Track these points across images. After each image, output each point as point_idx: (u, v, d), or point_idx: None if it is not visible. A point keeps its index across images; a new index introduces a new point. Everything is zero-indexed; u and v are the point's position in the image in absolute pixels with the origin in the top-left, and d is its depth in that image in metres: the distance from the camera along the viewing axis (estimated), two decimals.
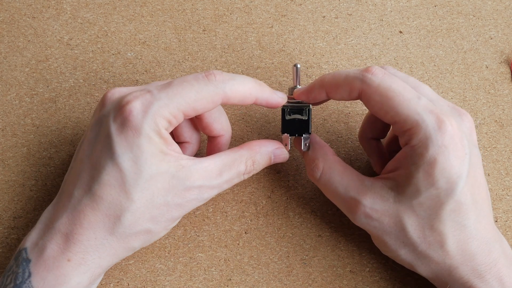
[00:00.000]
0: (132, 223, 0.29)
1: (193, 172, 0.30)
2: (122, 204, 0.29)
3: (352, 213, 0.31)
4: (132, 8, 0.43)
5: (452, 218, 0.29)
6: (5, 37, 0.42)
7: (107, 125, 0.30)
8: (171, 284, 0.35)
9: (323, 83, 0.33)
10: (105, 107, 0.31)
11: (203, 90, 0.30)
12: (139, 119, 0.29)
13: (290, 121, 0.34)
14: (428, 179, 0.28)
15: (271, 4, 0.44)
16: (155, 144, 0.29)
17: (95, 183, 0.29)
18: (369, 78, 0.30)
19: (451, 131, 0.28)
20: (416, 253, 0.30)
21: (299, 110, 0.34)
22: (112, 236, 0.29)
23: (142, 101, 0.29)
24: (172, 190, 0.30)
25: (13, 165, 0.38)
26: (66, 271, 0.29)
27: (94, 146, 0.30)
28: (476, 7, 0.44)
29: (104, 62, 0.41)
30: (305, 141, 0.34)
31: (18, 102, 0.40)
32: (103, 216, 0.29)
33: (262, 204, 0.38)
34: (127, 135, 0.29)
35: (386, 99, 0.30)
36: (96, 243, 0.29)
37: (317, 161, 0.33)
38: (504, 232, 0.37)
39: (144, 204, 0.29)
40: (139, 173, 0.29)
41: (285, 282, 0.36)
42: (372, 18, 0.43)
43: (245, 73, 0.41)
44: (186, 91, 0.30)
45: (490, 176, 0.39)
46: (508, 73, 0.42)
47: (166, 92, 0.29)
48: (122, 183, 0.29)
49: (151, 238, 0.31)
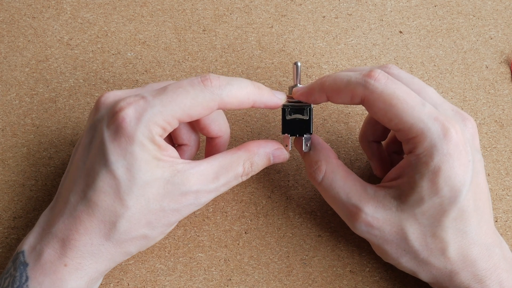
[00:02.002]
0: (128, 229, 0.29)
1: (189, 176, 0.30)
2: (117, 211, 0.29)
3: (353, 220, 0.31)
4: (132, 8, 0.43)
5: (454, 225, 0.29)
6: (5, 37, 0.42)
7: (101, 131, 0.29)
8: (171, 284, 0.35)
9: (323, 87, 0.31)
10: (99, 112, 0.31)
11: (198, 96, 0.29)
12: (132, 127, 0.28)
13: (291, 121, 0.33)
14: (432, 188, 0.28)
15: (271, 4, 0.44)
16: (149, 151, 0.29)
17: (90, 189, 0.29)
18: (372, 84, 0.29)
19: (456, 139, 0.28)
20: (418, 261, 0.30)
21: (300, 110, 0.33)
22: (108, 241, 0.29)
23: (136, 108, 0.29)
24: (167, 196, 0.29)
25: (13, 165, 0.38)
26: (62, 276, 0.29)
27: (89, 151, 0.30)
28: (476, 7, 0.44)
29: (104, 62, 0.41)
30: (306, 142, 0.33)
31: (18, 102, 0.40)
32: (98, 222, 0.29)
33: (262, 204, 0.38)
34: (120, 143, 0.28)
35: (389, 106, 0.29)
36: (92, 248, 0.29)
37: (320, 163, 0.32)
38: (504, 232, 0.37)
39: (139, 210, 0.29)
40: (133, 180, 0.28)
41: (285, 282, 0.36)
42: (372, 18, 0.43)
43: (245, 73, 0.41)
44: (181, 98, 0.29)
45: (490, 176, 0.39)
46: (508, 73, 0.42)
47: (160, 99, 0.29)
48: (116, 190, 0.28)
49: (148, 243, 0.31)
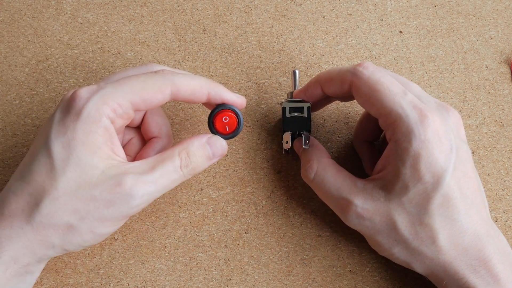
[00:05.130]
0: (50, 212, 0.27)
1: (123, 169, 0.29)
2: (45, 189, 0.27)
3: (344, 213, 0.32)
4: (132, 8, 0.43)
5: (441, 212, 0.29)
6: (5, 37, 0.42)
7: (52, 116, 0.29)
8: (171, 284, 0.35)
9: (318, 78, 0.34)
10: (59, 104, 0.31)
11: (149, 79, 0.30)
12: (81, 104, 0.28)
13: (291, 118, 0.35)
14: (415, 174, 0.29)
15: (271, 4, 0.44)
16: (90, 133, 0.28)
17: (26, 170, 0.28)
18: (359, 71, 0.31)
19: (433, 126, 0.29)
20: (410, 250, 0.30)
21: (299, 108, 0.35)
22: (28, 225, 0.28)
23: (88, 89, 0.29)
24: (100, 185, 0.28)
25: (13, 165, 0.38)
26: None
27: (36, 138, 0.30)
28: (476, 7, 0.44)
29: (104, 62, 0.41)
30: (305, 139, 0.35)
31: (18, 102, 0.40)
32: (24, 203, 0.28)
33: (262, 204, 0.38)
34: (66, 120, 0.28)
35: (373, 91, 0.31)
36: (10, 232, 0.28)
37: (312, 162, 0.34)
38: (504, 232, 0.37)
39: (67, 193, 0.28)
40: (67, 160, 0.28)
41: (285, 282, 0.36)
42: (372, 18, 0.43)
43: (245, 73, 0.41)
44: (132, 81, 0.30)
45: (490, 176, 0.39)
46: (508, 73, 0.42)
47: (112, 83, 0.29)
48: (49, 169, 0.28)
49: (74, 238, 0.29)
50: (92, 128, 0.28)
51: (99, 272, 0.35)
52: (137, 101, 0.29)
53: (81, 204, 0.28)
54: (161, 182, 0.29)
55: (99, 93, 0.29)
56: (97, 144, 0.28)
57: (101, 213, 0.28)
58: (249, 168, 0.38)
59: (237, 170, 0.38)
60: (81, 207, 0.28)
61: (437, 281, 0.31)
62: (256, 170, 0.38)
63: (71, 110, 0.28)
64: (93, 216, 0.28)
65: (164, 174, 0.29)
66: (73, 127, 0.28)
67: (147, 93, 0.29)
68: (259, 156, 0.39)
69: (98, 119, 0.28)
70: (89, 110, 0.28)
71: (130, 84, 0.29)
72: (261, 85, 0.41)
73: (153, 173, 0.29)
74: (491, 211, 0.38)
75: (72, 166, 0.28)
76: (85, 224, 0.28)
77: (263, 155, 0.39)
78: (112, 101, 0.29)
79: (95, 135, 0.28)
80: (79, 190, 0.28)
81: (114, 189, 0.28)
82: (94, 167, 0.28)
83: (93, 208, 0.28)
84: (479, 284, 0.29)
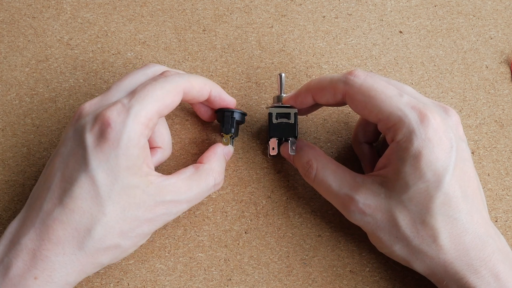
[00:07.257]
0: (102, 237, 0.29)
1: (162, 188, 0.31)
2: (94, 216, 0.28)
3: (347, 209, 0.32)
4: (132, 8, 0.43)
5: (443, 211, 0.29)
6: (5, 37, 0.42)
7: (82, 137, 0.29)
8: (171, 284, 0.35)
9: (309, 87, 0.34)
10: (80, 120, 0.31)
11: (165, 85, 0.31)
12: (118, 129, 0.29)
13: (278, 125, 0.35)
14: (415, 173, 0.29)
15: (271, 4, 0.44)
16: (131, 157, 0.29)
17: (67, 196, 0.28)
18: (351, 79, 0.31)
19: (434, 124, 0.29)
20: (410, 248, 0.30)
21: (286, 114, 0.35)
22: (81, 251, 0.29)
23: (118, 111, 0.29)
24: (143, 205, 0.30)
25: (13, 165, 0.38)
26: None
27: (67, 160, 0.30)
28: (476, 7, 0.44)
29: (104, 62, 0.41)
30: (292, 145, 0.35)
31: (18, 102, 0.40)
32: (72, 230, 0.28)
33: (262, 204, 0.38)
34: (104, 147, 0.28)
35: (368, 98, 0.31)
36: (64, 259, 0.28)
37: (311, 162, 0.34)
38: (504, 232, 0.37)
39: (115, 217, 0.29)
40: (112, 186, 0.29)
41: (285, 282, 0.36)
42: (372, 18, 0.43)
43: (245, 73, 0.41)
44: (151, 92, 0.30)
45: (490, 176, 0.39)
46: (508, 73, 0.42)
47: (135, 99, 0.30)
48: (94, 195, 0.28)
49: (120, 255, 0.31)
50: (133, 152, 0.29)
51: (99, 272, 0.35)
52: (161, 109, 0.31)
53: (126, 225, 0.30)
54: (193, 201, 0.33)
55: (131, 114, 0.29)
56: (138, 165, 0.30)
57: (143, 230, 0.31)
58: (249, 168, 0.38)
59: (237, 170, 0.38)
60: (126, 227, 0.30)
61: (437, 281, 0.31)
62: (256, 170, 0.38)
63: (108, 136, 0.28)
64: (137, 233, 0.31)
65: (198, 193, 0.33)
66: (115, 154, 0.28)
67: (168, 99, 0.31)
68: (259, 156, 0.39)
69: (137, 141, 0.29)
70: (128, 135, 0.29)
71: (151, 94, 0.30)
72: (261, 85, 0.41)
73: (189, 193, 0.32)
74: (491, 211, 0.38)
75: (117, 191, 0.29)
76: (130, 241, 0.30)
77: (263, 155, 0.39)
78: (144, 117, 0.29)
79: (136, 158, 0.29)
80: (124, 212, 0.29)
81: (154, 210, 0.30)
82: (136, 187, 0.30)
83: (136, 227, 0.30)
84: (479, 284, 0.29)
